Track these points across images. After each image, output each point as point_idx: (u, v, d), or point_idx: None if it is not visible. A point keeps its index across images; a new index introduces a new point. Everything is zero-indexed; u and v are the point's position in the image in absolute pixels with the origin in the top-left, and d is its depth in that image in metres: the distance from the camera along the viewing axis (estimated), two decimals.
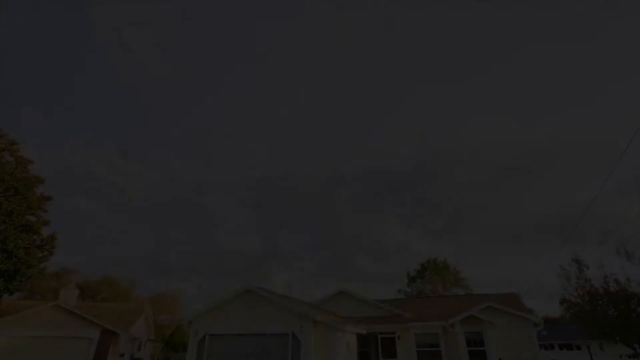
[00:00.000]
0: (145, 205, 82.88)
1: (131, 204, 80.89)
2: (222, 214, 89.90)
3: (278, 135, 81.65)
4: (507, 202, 74.64)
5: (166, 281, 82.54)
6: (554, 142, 64.53)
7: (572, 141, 64.19)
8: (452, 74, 71.77)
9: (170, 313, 57.14)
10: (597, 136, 64.65)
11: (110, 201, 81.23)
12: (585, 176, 68.40)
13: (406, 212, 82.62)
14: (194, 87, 77.16)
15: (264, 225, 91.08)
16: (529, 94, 69.28)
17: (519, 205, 74.47)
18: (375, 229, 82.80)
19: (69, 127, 78.54)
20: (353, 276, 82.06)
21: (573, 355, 21.76)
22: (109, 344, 21.53)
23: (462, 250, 72.51)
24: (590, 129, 67.55)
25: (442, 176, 75.75)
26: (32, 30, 62.07)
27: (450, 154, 73.89)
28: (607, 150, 63.59)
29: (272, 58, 70.82)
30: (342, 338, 14.41)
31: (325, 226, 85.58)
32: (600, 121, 70.24)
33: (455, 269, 49.20)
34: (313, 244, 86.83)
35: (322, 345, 13.72)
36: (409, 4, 61.31)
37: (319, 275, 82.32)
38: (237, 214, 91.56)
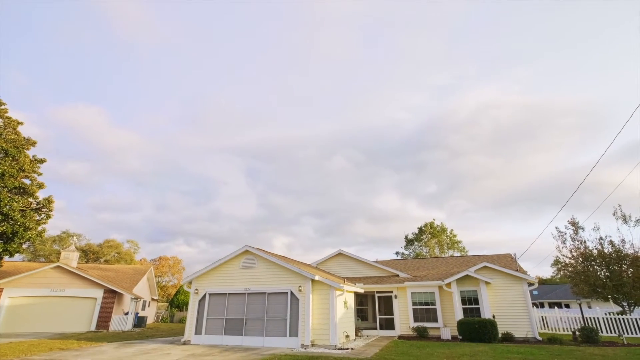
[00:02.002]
0: (142, 170, 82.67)
1: (127, 169, 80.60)
2: (220, 179, 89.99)
3: (274, 100, 79.57)
4: (505, 168, 74.43)
5: (167, 245, 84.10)
6: (552, 107, 63.22)
7: (570, 107, 62.85)
8: (454, 36, 68.78)
9: (173, 275, 58.74)
10: (593, 103, 63.29)
11: (106, 166, 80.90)
12: (582, 142, 67.85)
13: (404, 178, 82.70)
14: (190, 49, 74.10)
15: (263, 191, 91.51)
16: (530, 57, 66.87)
17: (516, 171, 74.44)
18: (372, 195, 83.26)
19: (59, 90, 76.33)
20: (351, 241, 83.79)
21: (563, 312, 22.47)
22: (113, 303, 22.11)
23: (458, 215, 73.41)
24: (588, 94, 65.91)
25: (440, 141, 74.87)
26: None
27: (449, 118, 72.47)
28: (604, 116, 62.49)
29: (271, 25, 67.38)
30: (340, 296, 14.68)
31: (323, 192, 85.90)
32: (597, 88, 68.50)
33: (452, 232, 50.00)
34: (312, 210, 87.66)
35: (321, 304, 13.99)
36: None
37: (317, 240, 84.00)
38: (235, 179, 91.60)
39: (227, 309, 14.89)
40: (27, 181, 20.51)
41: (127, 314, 23.20)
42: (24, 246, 20.81)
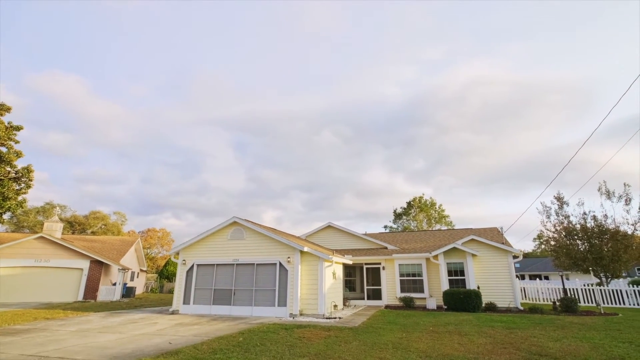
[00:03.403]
0: (127, 142, 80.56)
1: (111, 140, 78.40)
2: (207, 152, 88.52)
3: (262, 73, 77.14)
4: (491, 145, 74.86)
5: (156, 218, 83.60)
6: (541, 84, 62.92)
7: (558, 84, 62.65)
8: (448, 10, 66.74)
9: (162, 246, 58.67)
10: (581, 80, 63.19)
11: (88, 138, 78.52)
12: (568, 120, 68.30)
13: (392, 153, 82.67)
14: (174, 17, 70.40)
15: (251, 165, 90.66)
16: (524, 33, 65.69)
17: (502, 149, 75.02)
18: (361, 171, 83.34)
19: (36, 58, 72.34)
20: (340, 215, 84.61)
21: (544, 283, 23.26)
22: (99, 274, 21.92)
23: (444, 191, 74.38)
24: (577, 72, 65.63)
25: (428, 118, 74.44)
26: None
27: (439, 94, 71.68)
28: (591, 95, 62.66)
29: None
30: (329, 267, 14.73)
31: (312, 167, 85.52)
32: (587, 66, 68.20)
33: (441, 206, 50.70)
34: (300, 184, 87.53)
35: (309, 274, 14.03)
36: None
37: (306, 214, 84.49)
38: (223, 153, 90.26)
39: (215, 279, 14.83)
40: (3, 149, 19.60)
41: (114, 284, 23.10)
42: (4, 217, 20.18)
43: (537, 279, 34.18)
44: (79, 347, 7.79)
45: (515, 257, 17.37)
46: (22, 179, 20.11)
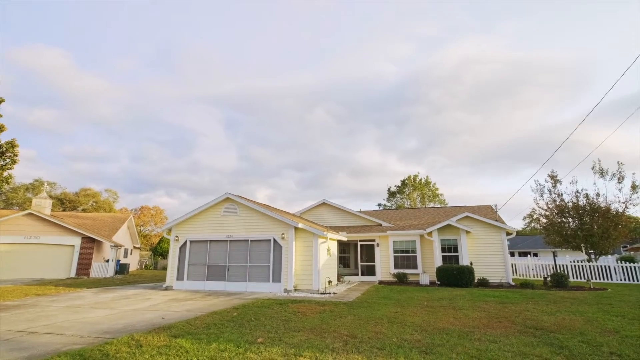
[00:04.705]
0: (116, 119, 78.68)
1: (100, 117, 76.46)
2: (198, 130, 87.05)
3: (254, 50, 74.77)
4: (484, 124, 74.55)
5: (148, 196, 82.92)
6: (536, 63, 62.02)
7: (552, 64, 61.86)
8: None
9: (156, 224, 58.50)
10: (576, 61, 62.47)
11: (75, 114, 76.47)
12: (561, 100, 68.06)
13: (385, 133, 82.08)
14: None
15: (243, 143, 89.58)
16: (523, 11, 64.13)
17: (494, 128, 74.85)
18: (354, 150, 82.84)
19: (17, 31, 68.94)
20: (333, 194, 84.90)
21: (535, 260, 23.68)
22: (92, 250, 21.70)
23: (436, 171, 74.56)
24: (572, 52, 64.67)
25: (421, 96, 73.45)
26: None
27: (432, 72, 70.48)
28: (584, 75, 62.15)
29: None
30: (323, 244, 14.66)
31: (305, 145, 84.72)
32: (584, 46, 67.31)
33: (434, 185, 50.90)
34: (293, 163, 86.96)
35: (304, 251, 13.95)
36: None
37: (299, 193, 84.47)
38: (214, 131, 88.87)
39: (209, 255, 14.70)
40: None
41: (107, 261, 22.95)
42: None
43: (529, 256, 34.88)
44: (69, 322, 7.63)
45: (508, 234, 17.49)
46: (7, 154, 19.45)
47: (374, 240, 19.30)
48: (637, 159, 54.38)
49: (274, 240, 13.97)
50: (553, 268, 19.95)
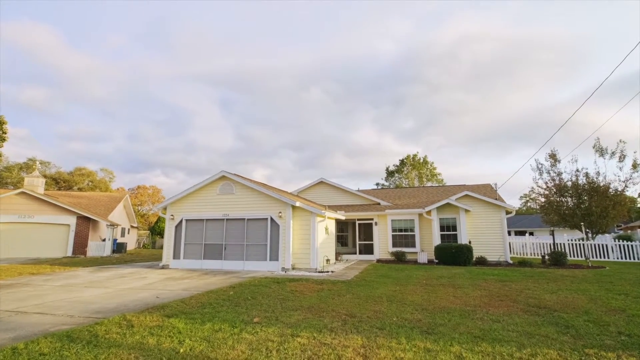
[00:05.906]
0: (110, 98, 76.91)
1: (93, 96, 74.69)
2: (193, 110, 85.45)
3: (249, 26, 72.24)
4: (481, 104, 73.40)
5: (145, 176, 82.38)
6: (535, 41, 60.33)
7: (551, 42, 60.16)
8: None
9: (153, 204, 58.32)
10: (576, 37, 60.76)
11: (68, 93, 74.66)
12: (559, 79, 66.84)
13: (382, 112, 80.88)
14: None
15: (238, 123, 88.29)
16: None
17: (491, 108, 73.78)
18: (351, 130, 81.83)
19: (3, 7, 66.01)
20: (330, 174, 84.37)
21: (533, 239, 23.75)
22: (87, 229, 21.49)
23: (433, 151, 74.00)
24: (572, 29, 62.85)
25: (418, 75, 71.80)
26: None
27: (430, 50, 68.62)
28: (583, 53, 60.71)
29: None
30: (321, 222, 14.47)
31: (301, 125, 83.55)
32: (583, 23, 65.43)
33: (433, 164, 50.62)
34: (290, 143, 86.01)
35: (302, 229, 13.77)
36: None
37: (296, 173, 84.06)
38: (209, 110, 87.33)
39: (205, 234, 14.50)
40: None
41: (104, 240, 22.80)
42: None
43: (527, 234, 35.06)
44: (61, 302, 7.42)
45: (508, 212, 17.34)
46: None
47: (372, 219, 19.16)
48: (635, 137, 54.08)
49: (271, 219, 13.74)
50: (551, 247, 19.97)
